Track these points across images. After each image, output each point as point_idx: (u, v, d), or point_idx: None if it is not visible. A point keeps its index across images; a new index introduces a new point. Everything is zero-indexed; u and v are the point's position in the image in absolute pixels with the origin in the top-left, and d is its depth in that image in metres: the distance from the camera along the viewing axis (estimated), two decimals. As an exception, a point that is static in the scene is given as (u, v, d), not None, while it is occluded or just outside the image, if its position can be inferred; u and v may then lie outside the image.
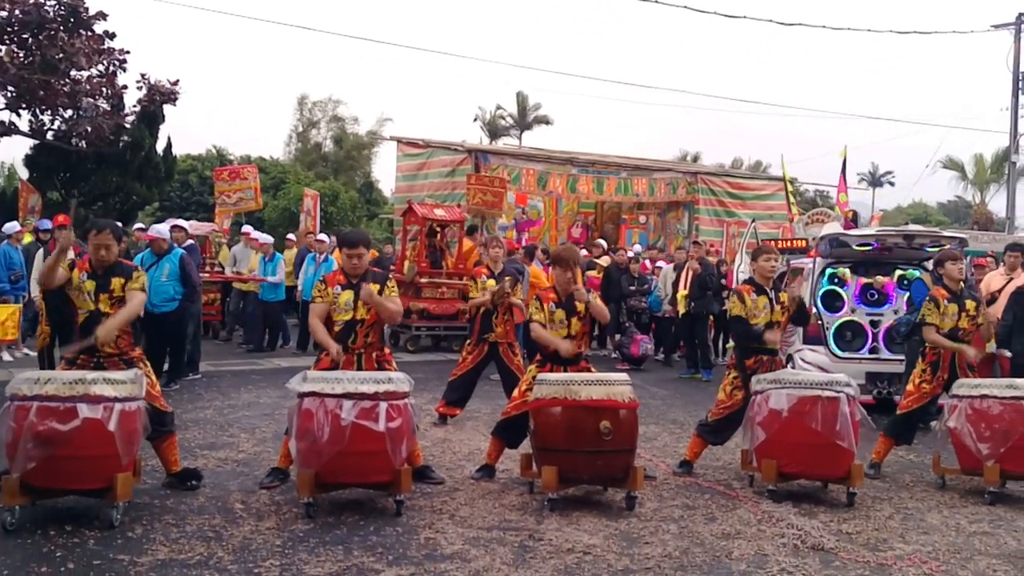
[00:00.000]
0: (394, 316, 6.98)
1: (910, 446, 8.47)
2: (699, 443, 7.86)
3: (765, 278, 7.68)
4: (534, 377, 7.01)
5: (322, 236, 16.22)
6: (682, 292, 14.14)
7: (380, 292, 6.75)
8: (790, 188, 19.12)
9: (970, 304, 8.01)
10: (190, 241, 12.99)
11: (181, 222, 13.57)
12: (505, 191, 17.37)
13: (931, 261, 9.73)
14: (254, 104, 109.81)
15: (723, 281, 14.75)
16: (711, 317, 14.50)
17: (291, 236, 18.01)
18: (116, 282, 6.42)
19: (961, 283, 8.13)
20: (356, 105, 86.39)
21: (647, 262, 17.63)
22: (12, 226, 14.04)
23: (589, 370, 7.10)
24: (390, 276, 7.10)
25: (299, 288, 15.39)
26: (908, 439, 8.23)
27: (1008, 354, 9.86)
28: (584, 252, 16.71)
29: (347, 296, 6.74)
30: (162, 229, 11.61)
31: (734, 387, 7.64)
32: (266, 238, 15.98)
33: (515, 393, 7.40)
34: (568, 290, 7.19)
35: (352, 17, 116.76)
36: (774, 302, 7.61)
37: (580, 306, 7.15)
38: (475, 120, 62.80)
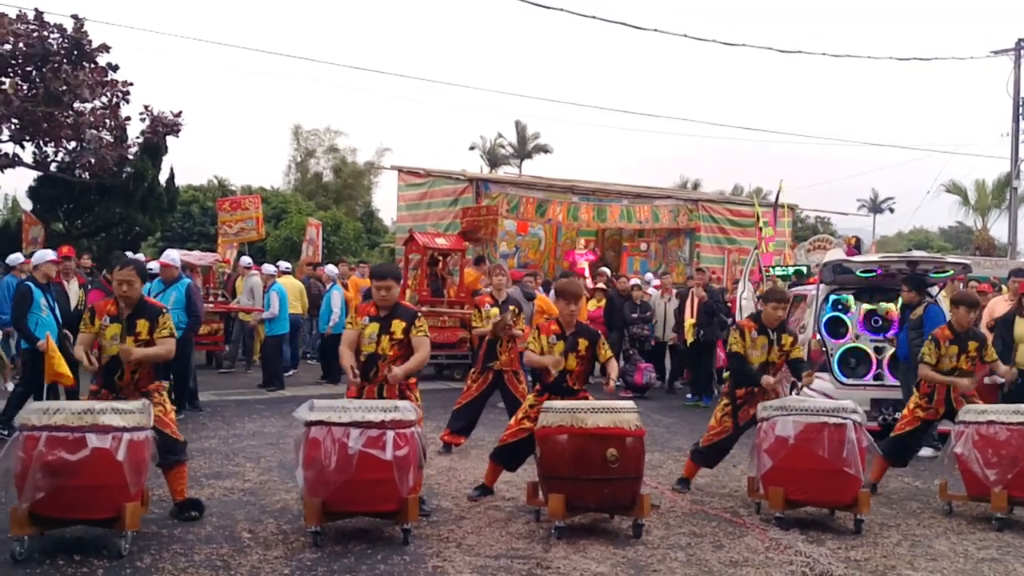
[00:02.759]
0: (423, 364, 6.95)
1: (915, 473, 8.47)
2: (692, 466, 8.12)
3: (770, 323, 7.76)
4: (531, 405, 7.08)
5: (328, 267, 16.38)
6: (689, 320, 14.09)
7: (408, 330, 6.75)
8: (762, 219, 19.04)
9: (972, 345, 8.06)
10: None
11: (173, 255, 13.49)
12: (497, 218, 17.48)
13: (951, 297, 9.77)
14: (255, 135, 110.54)
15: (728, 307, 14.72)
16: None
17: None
18: (142, 324, 6.48)
19: (967, 328, 8.14)
20: (355, 135, 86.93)
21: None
22: (16, 257, 14.03)
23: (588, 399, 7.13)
24: (419, 314, 7.02)
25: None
26: (901, 462, 8.33)
27: (1000, 380, 9.86)
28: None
29: (372, 329, 6.74)
30: (175, 257, 11.60)
31: (724, 414, 7.80)
32: (267, 268, 15.88)
33: (511, 421, 7.47)
34: (571, 324, 7.24)
35: (351, 48, 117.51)
36: (773, 343, 7.68)
37: (583, 344, 7.19)
38: (472, 149, 63.06)
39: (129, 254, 16.63)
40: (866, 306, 11.83)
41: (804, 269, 16.98)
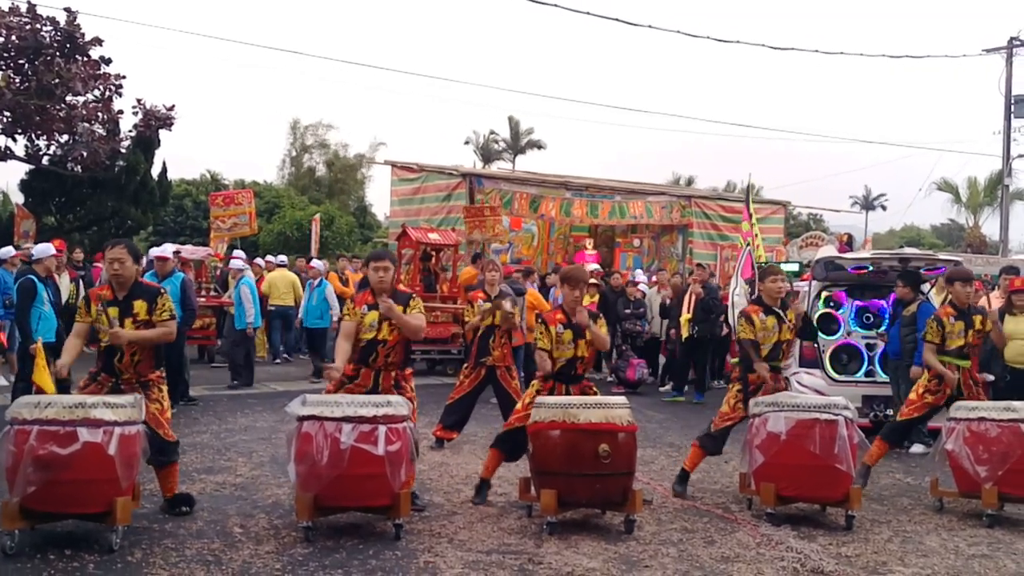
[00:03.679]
0: (417, 332, 6.92)
1: (906, 469, 8.50)
2: (699, 453, 7.89)
3: (773, 299, 7.70)
4: (538, 391, 7.06)
5: (315, 262, 16.19)
6: (685, 316, 14.07)
7: (404, 311, 6.80)
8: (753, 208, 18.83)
9: (977, 319, 8.07)
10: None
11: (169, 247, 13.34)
12: (499, 218, 17.44)
13: (944, 276, 9.79)
14: (248, 129, 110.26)
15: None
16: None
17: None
18: (139, 305, 6.44)
19: (968, 303, 8.17)
20: (348, 130, 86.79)
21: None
22: (7, 250, 13.94)
23: (592, 389, 7.14)
24: (414, 295, 7.11)
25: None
26: (901, 443, 8.34)
27: (990, 377, 9.90)
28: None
29: (372, 316, 6.78)
30: (168, 249, 11.57)
31: (737, 400, 7.67)
32: (234, 263, 15.65)
33: (519, 406, 7.39)
34: (576, 310, 7.23)
35: (346, 43, 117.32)
36: (782, 321, 7.63)
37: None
38: (466, 144, 63.11)
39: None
40: (858, 303, 11.84)
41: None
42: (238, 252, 17.43)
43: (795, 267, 16.96)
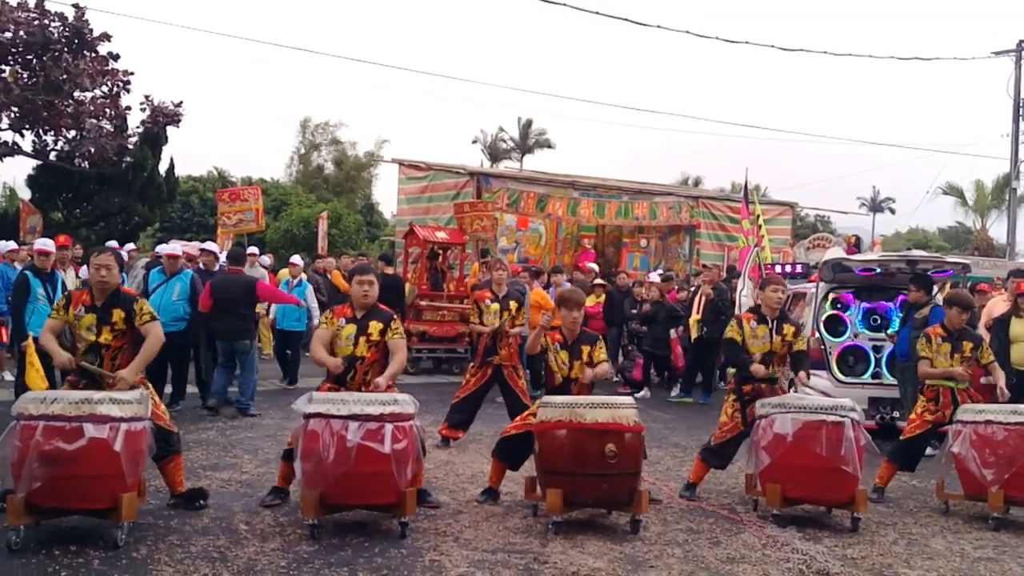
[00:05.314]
0: (402, 368, 6.92)
1: (913, 472, 8.45)
2: (702, 467, 7.87)
3: (771, 308, 7.69)
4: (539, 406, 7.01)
5: (295, 258, 15.67)
6: (695, 317, 14.02)
7: (384, 331, 6.75)
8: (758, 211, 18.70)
9: (967, 345, 7.97)
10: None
11: (211, 245, 13.03)
12: (495, 215, 17.42)
13: (944, 298, 9.73)
14: (256, 126, 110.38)
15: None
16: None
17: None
18: (117, 314, 6.35)
19: (961, 328, 8.08)
20: (356, 128, 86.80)
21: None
22: (5, 244, 13.84)
23: None
24: (395, 316, 7.00)
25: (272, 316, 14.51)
26: (911, 466, 8.22)
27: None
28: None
29: (349, 330, 6.73)
30: (177, 247, 11.54)
31: (735, 410, 7.66)
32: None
33: (517, 419, 7.41)
34: (575, 332, 7.21)
35: (355, 40, 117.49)
36: (774, 333, 7.62)
37: (585, 351, 7.17)
38: (474, 143, 63.17)
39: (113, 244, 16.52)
40: (865, 304, 11.81)
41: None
42: (251, 248, 17.42)
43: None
